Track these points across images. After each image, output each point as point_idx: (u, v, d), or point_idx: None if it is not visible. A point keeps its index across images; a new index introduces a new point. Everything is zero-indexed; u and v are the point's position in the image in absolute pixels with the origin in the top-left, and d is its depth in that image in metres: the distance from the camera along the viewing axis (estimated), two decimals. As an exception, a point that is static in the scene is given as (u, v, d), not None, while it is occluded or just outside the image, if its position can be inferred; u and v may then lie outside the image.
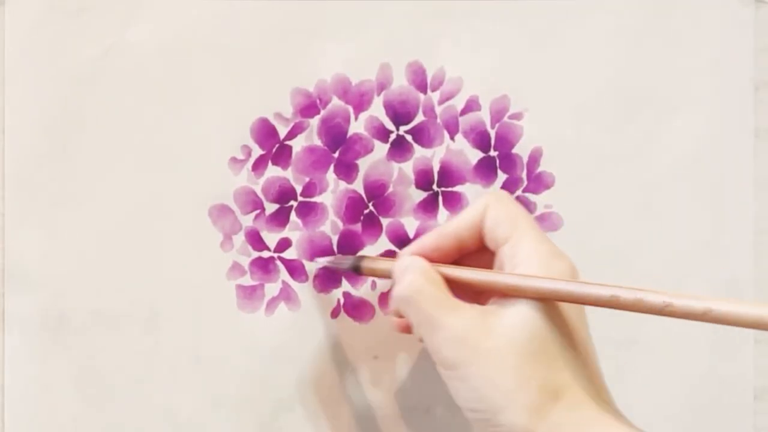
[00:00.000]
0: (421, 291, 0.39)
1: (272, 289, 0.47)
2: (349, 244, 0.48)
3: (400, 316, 0.44)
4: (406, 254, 0.42)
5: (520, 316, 0.37)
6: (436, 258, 0.41)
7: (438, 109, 0.48)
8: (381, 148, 0.48)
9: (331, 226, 0.48)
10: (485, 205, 0.41)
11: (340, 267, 0.47)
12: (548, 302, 0.38)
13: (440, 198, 0.48)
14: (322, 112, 0.47)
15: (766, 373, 0.50)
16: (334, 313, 0.48)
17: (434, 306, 0.38)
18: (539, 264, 0.38)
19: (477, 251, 0.42)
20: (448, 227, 0.42)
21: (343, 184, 0.48)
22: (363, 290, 0.48)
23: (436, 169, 0.48)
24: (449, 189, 0.48)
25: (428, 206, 0.48)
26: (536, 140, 0.49)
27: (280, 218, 0.47)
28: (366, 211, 0.48)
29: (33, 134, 0.45)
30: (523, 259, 0.39)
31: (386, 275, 0.42)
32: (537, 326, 0.37)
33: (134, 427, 0.46)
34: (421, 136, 0.48)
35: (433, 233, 0.42)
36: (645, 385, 0.49)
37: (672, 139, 0.50)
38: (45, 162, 0.46)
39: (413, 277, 0.39)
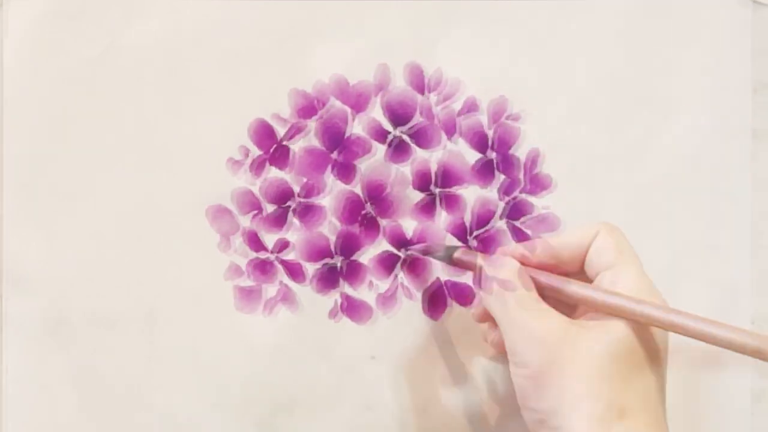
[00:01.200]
0: (511, 290, 0.40)
1: (271, 290, 0.47)
2: (347, 245, 0.48)
3: (484, 319, 0.45)
4: (500, 254, 0.42)
5: (611, 335, 0.38)
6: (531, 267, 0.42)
7: (436, 110, 0.48)
8: (379, 150, 0.48)
9: (329, 227, 0.48)
10: (596, 231, 0.41)
11: (432, 255, 0.47)
12: (642, 326, 0.38)
13: (439, 199, 0.48)
14: (321, 113, 0.47)
15: (765, 375, 0.50)
16: (333, 314, 0.48)
17: (521, 307, 0.39)
18: (638, 295, 0.39)
19: (572, 275, 0.42)
20: (551, 243, 0.42)
21: (341, 185, 0.48)
22: (361, 291, 0.48)
23: (434, 170, 0.48)
24: (448, 190, 0.48)
25: (427, 208, 0.48)
26: (534, 141, 0.49)
27: (278, 219, 0.47)
28: (364, 213, 0.48)
29: (31, 135, 0.45)
30: (624, 287, 0.39)
31: (474, 269, 0.43)
32: (624, 348, 0.38)
33: (133, 428, 0.46)
34: (420, 137, 0.48)
35: (533, 244, 0.42)
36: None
37: (670, 140, 0.50)
38: (43, 163, 0.46)
39: (505, 275, 0.40)
